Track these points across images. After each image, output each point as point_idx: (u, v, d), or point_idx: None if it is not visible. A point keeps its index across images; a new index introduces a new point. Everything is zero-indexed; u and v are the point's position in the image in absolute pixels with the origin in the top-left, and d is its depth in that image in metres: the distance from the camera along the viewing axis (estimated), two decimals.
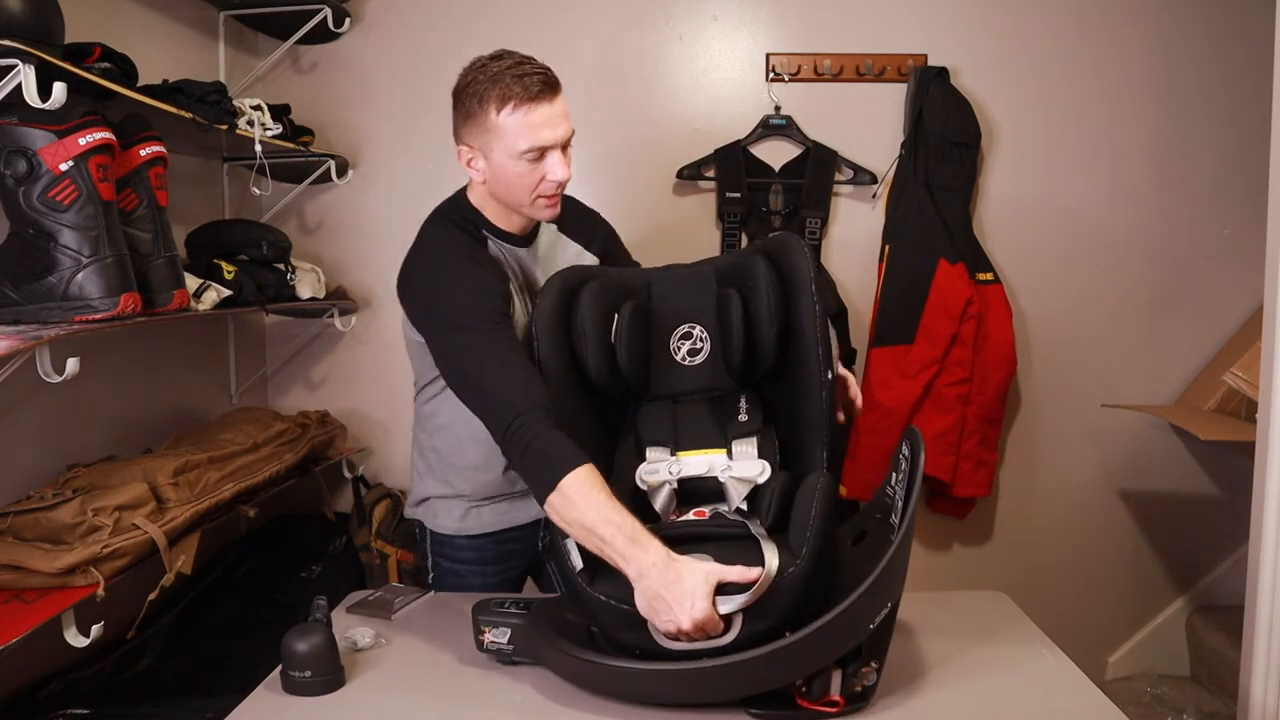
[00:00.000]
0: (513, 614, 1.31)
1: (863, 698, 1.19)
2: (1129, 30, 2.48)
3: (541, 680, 1.28)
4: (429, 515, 1.67)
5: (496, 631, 1.30)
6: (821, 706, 1.17)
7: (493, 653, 1.32)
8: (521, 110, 1.38)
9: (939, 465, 2.41)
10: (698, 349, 1.50)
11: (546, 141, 1.41)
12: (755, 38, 2.52)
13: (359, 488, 2.48)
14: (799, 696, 1.18)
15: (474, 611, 1.33)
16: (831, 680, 1.17)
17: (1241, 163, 2.46)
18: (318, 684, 1.26)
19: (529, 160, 1.42)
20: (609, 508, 1.22)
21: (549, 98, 1.40)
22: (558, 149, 1.43)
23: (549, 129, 1.40)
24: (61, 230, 1.42)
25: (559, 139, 1.42)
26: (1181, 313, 2.55)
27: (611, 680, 1.22)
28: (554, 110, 1.41)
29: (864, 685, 1.18)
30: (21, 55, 1.32)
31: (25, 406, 1.68)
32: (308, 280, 2.31)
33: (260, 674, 1.32)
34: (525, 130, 1.39)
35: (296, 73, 2.56)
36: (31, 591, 1.45)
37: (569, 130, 1.44)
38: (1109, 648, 2.67)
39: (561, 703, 1.23)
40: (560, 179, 1.44)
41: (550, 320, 1.44)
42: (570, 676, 1.25)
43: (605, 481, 1.26)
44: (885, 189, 2.50)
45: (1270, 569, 1.65)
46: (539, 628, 1.28)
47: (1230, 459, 2.54)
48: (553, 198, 1.47)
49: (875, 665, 1.18)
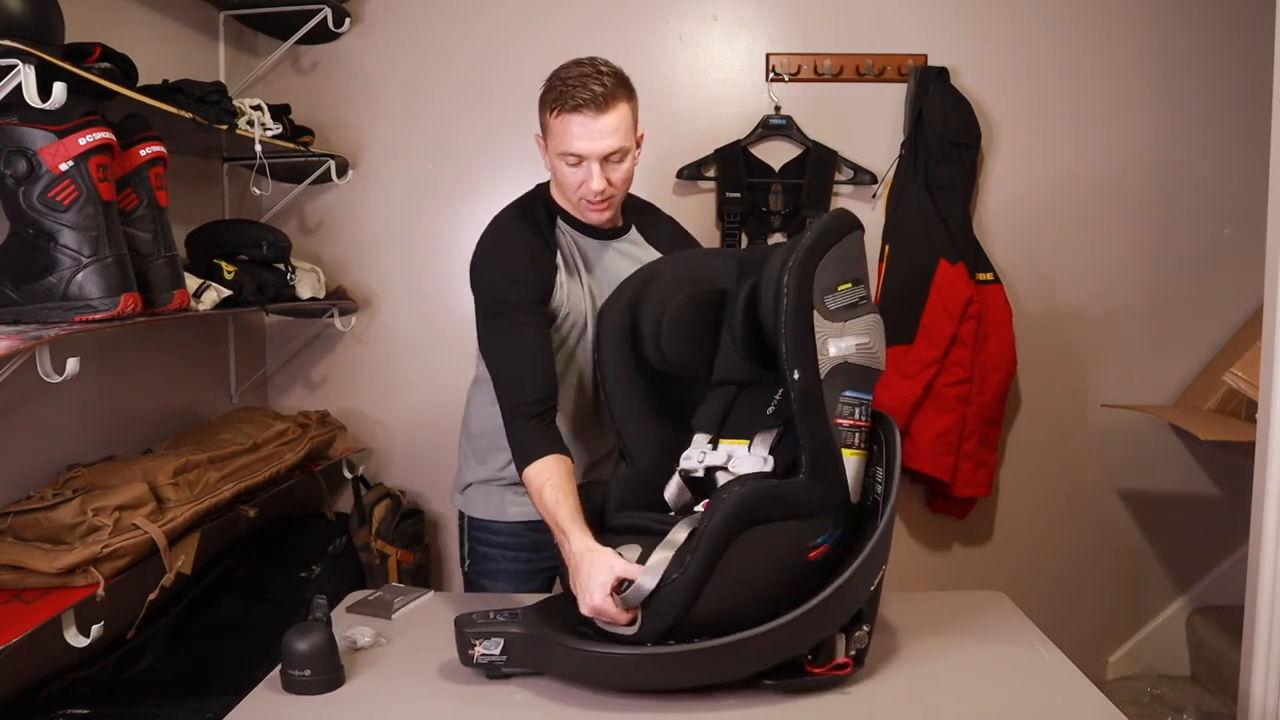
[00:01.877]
0: (503, 623, 1.27)
1: (859, 659, 1.28)
2: (1129, 30, 2.49)
3: (540, 680, 1.28)
4: (468, 503, 1.76)
5: (488, 643, 1.26)
6: (833, 670, 1.25)
7: (483, 666, 1.27)
8: (563, 118, 1.49)
9: (939, 465, 2.41)
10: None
11: (579, 151, 1.49)
12: (755, 38, 2.52)
13: (359, 488, 2.48)
14: (808, 665, 1.24)
15: (458, 625, 1.28)
16: (837, 645, 1.25)
17: (1241, 163, 2.46)
18: (317, 683, 1.26)
19: (568, 164, 1.52)
20: (549, 499, 1.38)
21: (591, 112, 1.47)
22: (595, 162, 1.50)
23: (583, 141, 1.48)
24: (61, 230, 1.42)
25: (592, 152, 1.49)
26: (1181, 313, 2.55)
27: (626, 669, 1.23)
28: (594, 125, 1.47)
29: (859, 648, 1.27)
30: (21, 55, 1.32)
31: (25, 406, 1.68)
32: (308, 280, 2.31)
33: (260, 674, 1.32)
34: (563, 136, 1.50)
35: (296, 73, 2.56)
36: (31, 591, 1.45)
37: (608, 147, 1.49)
38: (1109, 648, 2.67)
39: (561, 702, 1.23)
40: (595, 189, 1.51)
41: (618, 304, 1.51)
42: (577, 673, 1.25)
43: (564, 471, 1.42)
44: (885, 189, 2.50)
45: (1270, 569, 1.65)
46: (537, 630, 1.26)
47: (1230, 459, 2.54)
48: (594, 203, 1.55)
49: (867, 629, 1.27)
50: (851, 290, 1.30)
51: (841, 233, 1.31)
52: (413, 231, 2.59)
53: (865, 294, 1.32)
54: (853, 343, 1.28)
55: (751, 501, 1.23)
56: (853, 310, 1.29)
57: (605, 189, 1.52)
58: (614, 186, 1.54)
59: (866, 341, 1.29)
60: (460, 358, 2.57)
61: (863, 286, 1.32)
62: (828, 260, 1.28)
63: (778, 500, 1.26)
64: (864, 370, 1.30)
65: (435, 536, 2.66)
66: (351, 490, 2.49)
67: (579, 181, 1.53)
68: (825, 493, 1.28)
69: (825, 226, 1.31)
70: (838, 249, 1.30)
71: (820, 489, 1.28)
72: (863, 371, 1.29)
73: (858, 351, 1.28)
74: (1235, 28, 2.45)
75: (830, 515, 1.28)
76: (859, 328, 1.29)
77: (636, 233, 1.70)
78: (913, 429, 2.41)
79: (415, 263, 2.59)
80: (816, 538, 1.26)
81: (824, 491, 1.28)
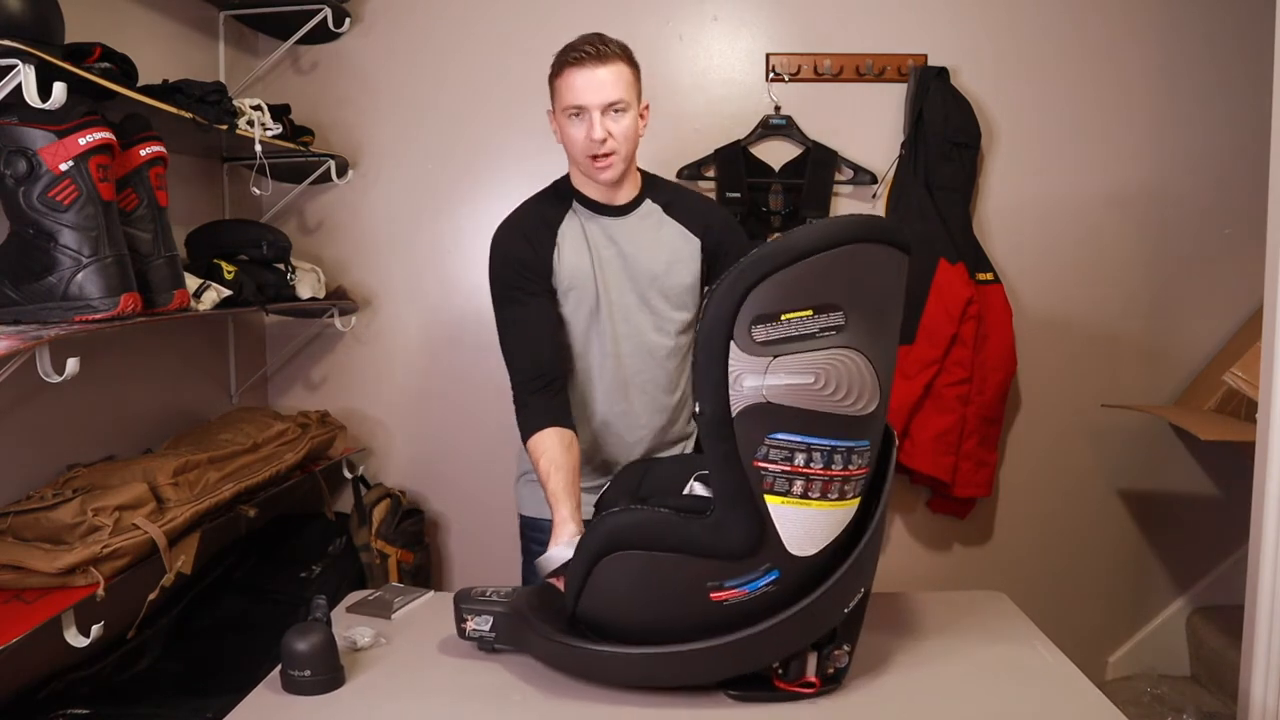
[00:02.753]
0: (494, 602, 1.35)
1: (835, 679, 1.24)
2: (1129, 30, 2.48)
3: (540, 679, 1.28)
4: (520, 501, 1.82)
5: (479, 620, 1.34)
6: (798, 688, 1.22)
7: (474, 640, 1.35)
8: (565, 73, 1.58)
9: (939, 465, 2.41)
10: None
11: (579, 102, 1.57)
12: (755, 38, 2.52)
13: (359, 488, 2.48)
14: (776, 678, 1.22)
15: (456, 600, 1.37)
16: (807, 662, 1.22)
17: (1241, 163, 2.46)
18: (317, 683, 1.26)
19: (570, 116, 1.59)
20: (543, 471, 1.51)
21: (591, 64, 1.56)
22: (595, 111, 1.56)
23: (584, 92, 1.56)
24: (61, 230, 1.42)
25: (592, 102, 1.56)
26: (1181, 313, 2.55)
27: (590, 664, 1.24)
28: (593, 76, 1.56)
29: (836, 667, 1.23)
30: (21, 55, 1.32)
31: (25, 406, 1.68)
32: (308, 280, 2.31)
33: (260, 674, 1.32)
34: (565, 90, 1.59)
35: (296, 73, 2.56)
36: (31, 591, 1.45)
37: (607, 97, 1.57)
38: (1109, 648, 2.67)
39: (561, 701, 1.23)
40: (595, 137, 1.57)
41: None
42: (550, 660, 1.28)
43: (563, 444, 1.53)
44: (885, 189, 2.50)
45: (1270, 569, 1.65)
46: (520, 614, 1.30)
47: (1230, 459, 2.54)
48: (599, 159, 1.60)
49: (847, 648, 1.23)
50: (805, 320, 1.09)
51: (813, 248, 1.08)
52: (413, 231, 2.59)
53: (832, 325, 1.10)
54: (782, 382, 1.08)
55: (620, 528, 1.20)
56: (795, 344, 1.09)
57: (606, 139, 1.58)
58: (615, 140, 1.59)
59: (809, 383, 1.09)
60: (460, 358, 2.59)
61: (830, 315, 1.09)
62: (776, 282, 1.08)
63: (657, 532, 1.18)
64: (805, 414, 1.10)
65: (435, 536, 2.66)
66: (351, 490, 2.49)
67: (583, 136, 1.58)
68: (736, 537, 1.14)
69: (786, 242, 1.09)
70: (804, 267, 1.08)
71: (728, 533, 1.15)
72: (804, 415, 1.10)
73: (788, 392, 1.09)
74: (1235, 26, 2.45)
75: (746, 561, 1.15)
76: (797, 365, 1.08)
77: (651, 204, 1.73)
78: (912, 429, 2.41)
79: (415, 263, 2.59)
80: (724, 580, 1.15)
81: (735, 535, 1.14)
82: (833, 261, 1.10)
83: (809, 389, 1.09)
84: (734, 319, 1.09)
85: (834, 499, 1.14)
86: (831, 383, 1.10)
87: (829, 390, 1.10)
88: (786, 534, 1.14)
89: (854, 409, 1.12)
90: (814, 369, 1.09)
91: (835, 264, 1.10)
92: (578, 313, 1.68)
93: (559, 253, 1.66)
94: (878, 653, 1.34)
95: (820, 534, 1.15)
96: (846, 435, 1.12)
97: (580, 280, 1.66)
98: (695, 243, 1.72)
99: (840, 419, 1.11)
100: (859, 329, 1.11)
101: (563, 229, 1.68)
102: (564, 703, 1.23)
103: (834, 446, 1.12)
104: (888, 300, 1.19)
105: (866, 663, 1.30)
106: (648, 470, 1.56)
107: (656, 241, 1.70)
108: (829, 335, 1.10)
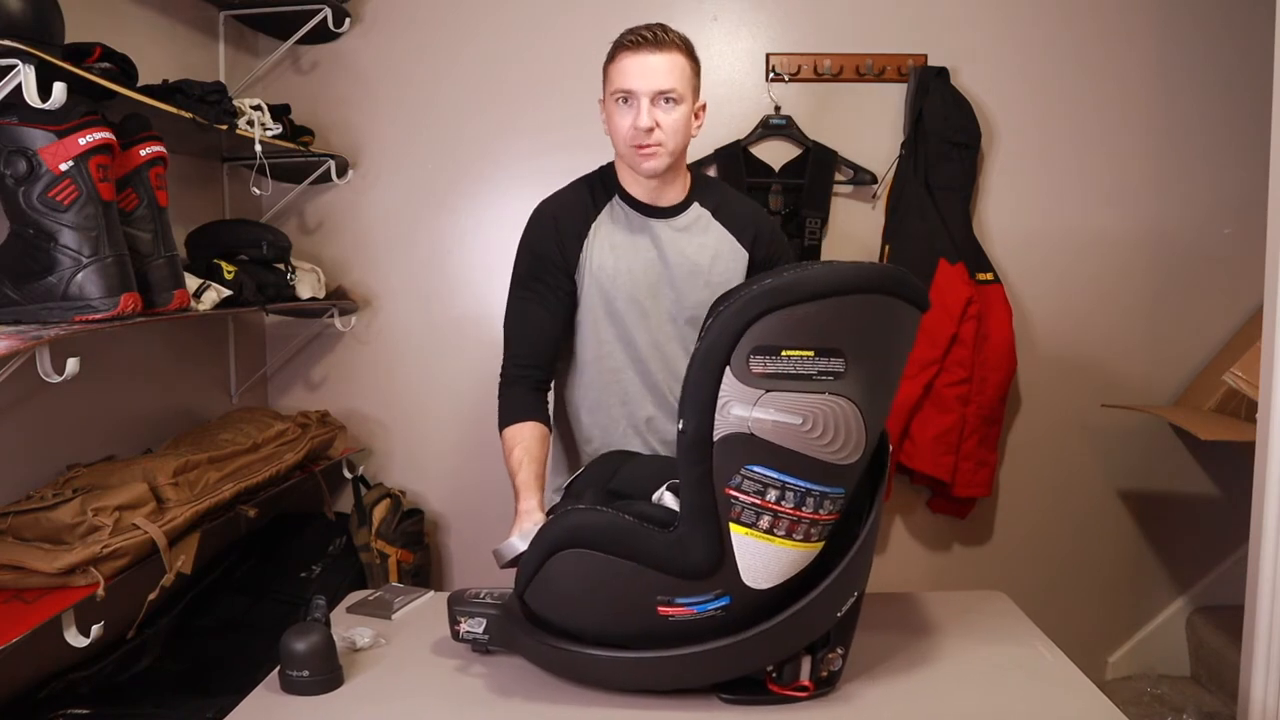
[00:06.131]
0: (487, 604, 1.35)
1: (828, 683, 1.24)
2: (1129, 30, 2.48)
3: (539, 680, 1.28)
4: (549, 501, 1.80)
5: (472, 621, 1.34)
6: (791, 691, 1.22)
7: (468, 642, 1.35)
8: (619, 58, 1.54)
9: (939, 465, 2.41)
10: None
11: (630, 86, 1.52)
12: (755, 38, 2.52)
13: (359, 488, 2.48)
14: (769, 681, 1.22)
15: (450, 602, 1.36)
16: (801, 666, 1.21)
17: (1241, 163, 2.45)
18: (316, 683, 1.26)
19: (618, 101, 1.55)
20: (514, 460, 1.50)
21: (646, 50, 1.52)
22: (644, 98, 1.52)
23: (635, 77, 1.52)
24: (61, 230, 1.42)
25: (641, 88, 1.52)
26: (1181, 313, 2.55)
27: (582, 667, 1.24)
28: (646, 63, 1.51)
29: (830, 670, 1.23)
30: (21, 55, 1.32)
31: (25, 406, 1.68)
32: (308, 280, 2.31)
33: (260, 674, 1.32)
34: (616, 74, 1.55)
35: (296, 73, 2.56)
36: (31, 591, 1.45)
37: (658, 84, 1.52)
38: (1109, 648, 2.67)
39: (560, 702, 1.23)
40: (640, 125, 1.52)
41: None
42: (542, 663, 1.28)
43: (537, 437, 1.52)
44: (885, 189, 2.50)
45: (1270, 569, 1.65)
46: (513, 617, 1.30)
47: (1230, 459, 2.54)
48: (644, 148, 1.55)
49: (841, 652, 1.23)
50: (804, 360, 1.08)
51: (829, 290, 1.07)
52: (413, 231, 2.59)
53: (831, 371, 1.08)
54: (770, 417, 1.07)
55: (582, 526, 1.20)
56: (790, 382, 1.07)
57: (653, 129, 1.52)
58: (663, 131, 1.53)
59: (796, 423, 1.07)
60: (460, 357, 2.59)
61: (831, 360, 1.08)
62: (784, 316, 1.07)
63: (618, 537, 1.18)
64: (787, 453, 1.09)
65: (435, 536, 2.66)
66: (351, 490, 2.49)
67: (628, 124, 1.54)
68: (695, 557, 1.14)
69: (803, 277, 1.07)
70: (814, 306, 1.07)
71: (688, 552, 1.14)
72: (785, 454, 1.09)
73: (774, 429, 1.08)
74: (1235, 26, 2.44)
75: (700, 583, 1.15)
76: (787, 404, 1.07)
77: (700, 208, 1.67)
78: (912, 429, 2.41)
79: (415, 263, 2.60)
80: (674, 596, 1.16)
81: (694, 556, 1.14)
82: (845, 307, 1.09)
83: (795, 429, 1.08)
84: (735, 345, 1.08)
85: (798, 539, 1.13)
86: (819, 427, 1.09)
87: (815, 434, 1.09)
88: (744, 564, 1.13)
89: (836, 456, 1.11)
90: (804, 411, 1.08)
91: (847, 309, 1.09)
92: (595, 306, 1.64)
93: (588, 248, 1.62)
94: (877, 653, 1.34)
95: (777, 570, 1.15)
96: (823, 481, 1.11)
97: (605, 276, 1.62)
98: (744, 257, 1.67)
99: (820, 464, 1.10)
100: (857, 379, 1.10)
101: (598, 223, 1.63)
102: (564, 705, 1.23)
103: (808, 489, 1.11)
104: (893, 355, 1.18)
105: (865, 663, 1.31)
106: (623, 463, 1.55)
107: (702, 248, 1.65)
108: (826, 380, 1.09)
